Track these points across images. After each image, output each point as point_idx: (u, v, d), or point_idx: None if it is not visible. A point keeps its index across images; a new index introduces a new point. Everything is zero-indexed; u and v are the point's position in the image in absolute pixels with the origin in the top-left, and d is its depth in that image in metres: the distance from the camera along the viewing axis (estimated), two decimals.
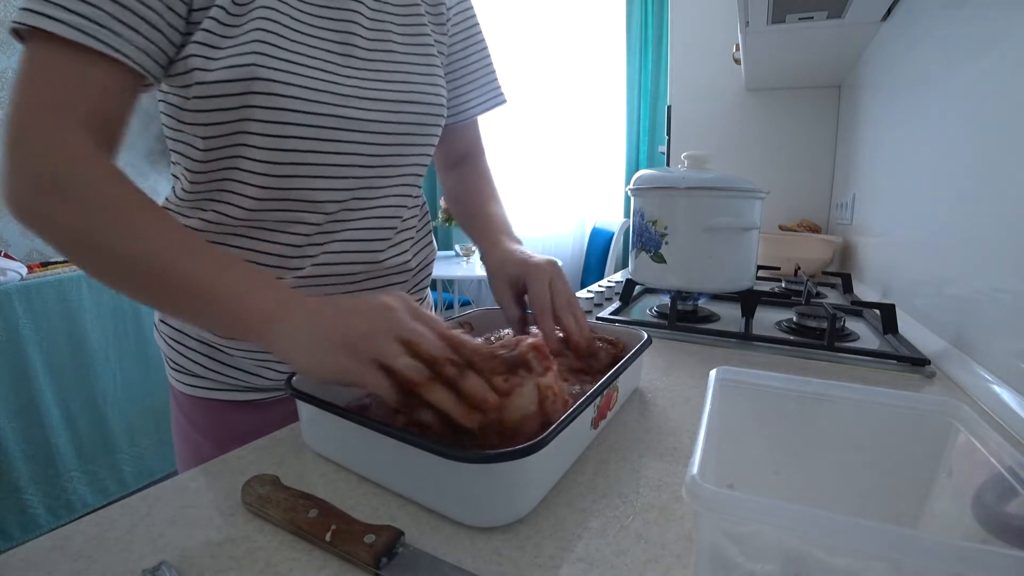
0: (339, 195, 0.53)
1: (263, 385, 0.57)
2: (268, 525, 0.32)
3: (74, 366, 1.63)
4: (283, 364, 0.56)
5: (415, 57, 0.57)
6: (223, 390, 0.57)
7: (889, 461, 0.32)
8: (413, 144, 0.58)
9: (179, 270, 0.38)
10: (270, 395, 0.58)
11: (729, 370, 0.35)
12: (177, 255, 0.38)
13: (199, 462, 0.40)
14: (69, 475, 1.61)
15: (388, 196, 0.57)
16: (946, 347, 0.62)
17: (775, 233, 1.39)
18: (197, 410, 0.59)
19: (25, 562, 0.29)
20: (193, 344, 0.57)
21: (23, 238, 1.98)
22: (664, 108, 1.79)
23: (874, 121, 1.10)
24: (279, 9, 0.46)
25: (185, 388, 0.58)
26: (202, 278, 0.38)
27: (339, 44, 0.51)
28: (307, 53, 0.48)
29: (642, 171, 0.81)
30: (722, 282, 0.77)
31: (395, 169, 0.57)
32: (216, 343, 0.55)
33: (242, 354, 0.55)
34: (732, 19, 1.43)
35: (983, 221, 0.57)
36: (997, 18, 0.56)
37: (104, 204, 0.39)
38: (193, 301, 0.39)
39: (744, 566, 0.23)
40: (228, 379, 0.57)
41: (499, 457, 0.30)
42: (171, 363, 0.59)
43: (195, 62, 0.44)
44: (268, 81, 0.45)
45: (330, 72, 0.49)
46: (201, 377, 0.57)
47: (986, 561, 0.18)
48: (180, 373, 0.58)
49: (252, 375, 0.57)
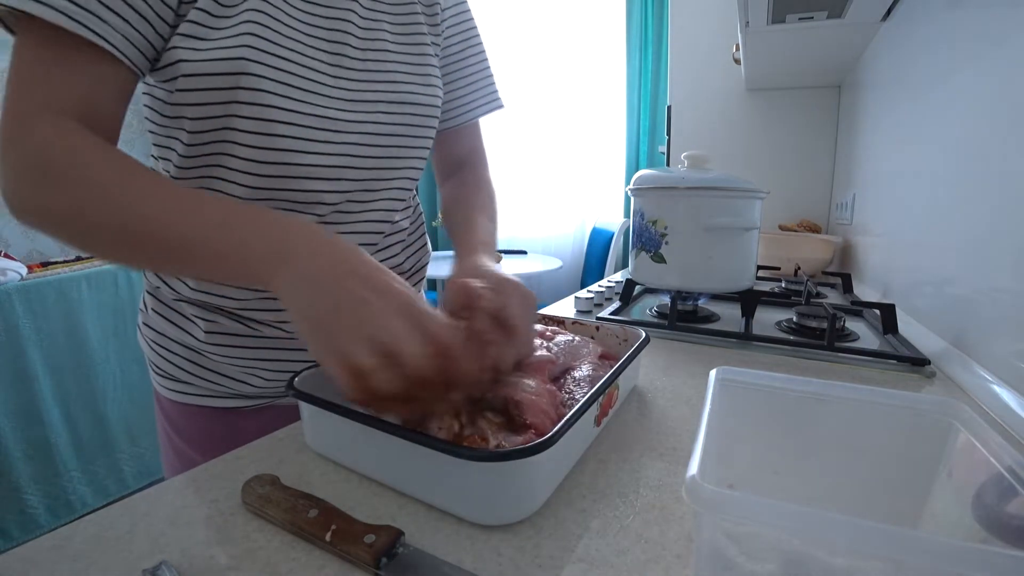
0: (331, 197, 0.51)
1: (249, 392, 0.56)
2: (268, 525, 0.32)
3: (74, 366, 1.63)
4: (271, 371, 0.55)
5: (409, 57, 0.56)
6: (207, 396, 0.56)
7: (889, 461, 0.32)
8: (407, 147, 0.56)
9: (177, 232, 0.37)
10: (255, 403, 0.57)
11: (729, 370, 0.35)
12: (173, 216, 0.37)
13: (184, 469, 0.40)
14: (69, 475, 1.61)
15: (381, 200, 0.56)
16: (946, 347, 0.62)
17: (775, 233, 1.39)
18: (181, 417, 0.58)
19: (25, 562, 0.29)
20: (176, 348, 0.55)
21: (23, 238, 1.98)
22: (664, 108, 1.79)
23: (874, 121, 1.10)
24: (271, 2, 0.45)
25: (169, 393, 0.57)
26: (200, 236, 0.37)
27: (331, 43, 0.49)
28: (298, 49, 0.46)
29: (642, 171, 0.81)
30: (722, 282, 0.76)
31: (390, 172, 0.55)
32: (200, 348, 0.54)
33: (225, 360, 0.54)
34: (732, 19, 1.43)
35: (983, 221, 0.57)
36: (997, 18, 0.56)
37: (94, 180, 0.38)
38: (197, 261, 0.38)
39: (744, 566, 0.23)
40: (213, 385, 0.55)
41: (509, 455, 0.30)
42: (155, 367, 0.58)
43: (181, 53, 0.42)
44: (256, 76, 0.44)
45: (320, 72, 0.48)
46: (184, 383, 0.56)
47: (986, 561, 0.18)
48: (164, 378, 0.57)
49: (238, 382, 0.55)
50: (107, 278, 1.73)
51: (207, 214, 0.38)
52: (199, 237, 0.37)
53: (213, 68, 0.43)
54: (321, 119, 0.49)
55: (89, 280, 1.68)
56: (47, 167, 0.37)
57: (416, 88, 0.56)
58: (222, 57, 0.43)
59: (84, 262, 1.86)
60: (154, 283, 0.55)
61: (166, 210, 0.38)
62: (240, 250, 0.37)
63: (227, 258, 0.37)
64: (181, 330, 0.55)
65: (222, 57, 0.43)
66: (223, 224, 0.38)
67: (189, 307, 0.53)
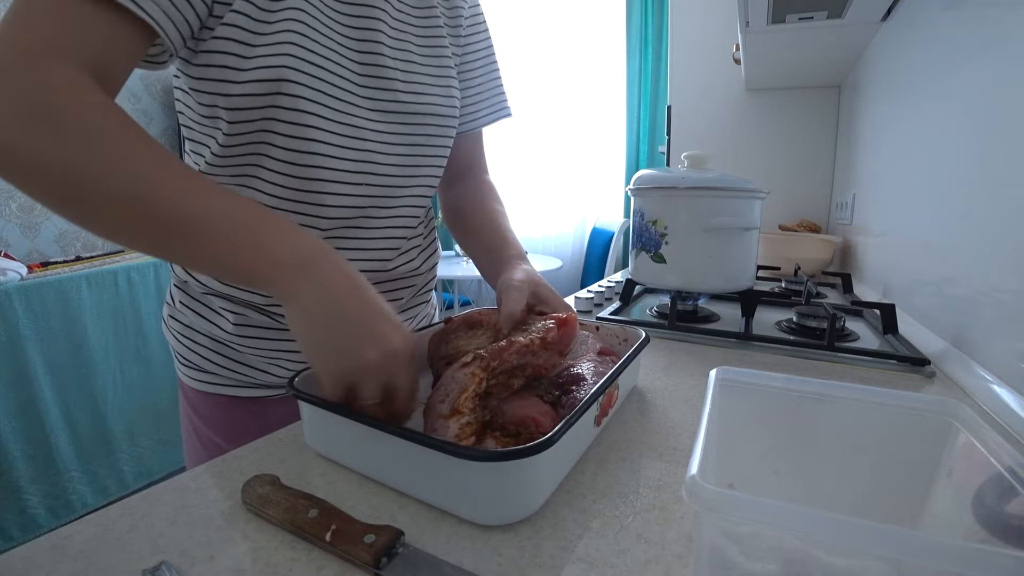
0: (356, 201, 0.52)
1: (273, 382, 0.57)
2: (268, 525, 0.32)
3: (74, 366, 1.63)
4: (294, 361, 0.57)
5: (432, 68, 0.57)
6: (233, 386, 0.57)
7: (889, 461, 0.32)
8: (428, 155, 0.58)
9: (190, 211, 0.35)
10: (280, 392, 0.58)
11: (729, 370, 0.35)
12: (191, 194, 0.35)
13: (210, 456, 0.40)
14: (69, 475, 1.61)
15: (403, 207, 0.57)
16: (946, 347, 0.62)
17: (775, 233, 1.39)
18: (207, 406, 0.59)
19: (25, 562, 0.29)
20: (203, 340, 0.57)
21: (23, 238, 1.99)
22: (664, 108, 1.79)
23: (874, 121, 1.10)
24: (308, 11, 0.45)
25: (195, 384, 0.58)
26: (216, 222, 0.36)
27: (361, 53, 0.50)
28: (332, 57, 0.47)
29: (642, 171, 0.81)
30: (722, 282, 0.76)
31: (411, 180, 0.57)
32: (226, 340, 0.55)
33: (252, 351, 0.55)
34: (732, 19, 1.42)
35: (983, 221, 0.57)
36: (997, 18, 0.56)
37: (107, 136, 0.34)
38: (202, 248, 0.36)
39: (744, 566, 0.23)
40: (238, 375, 0.57)
41: (509, 455, 0.30)
42: (180, 358, 0.59)
43: (227, 60, 0.43)
44: (296, 84, 0.45)
45: (350, 80, 0.49)
46: (211, 373, 0.57)
47: (986, 561, 0.18)
48: (190, 368, 0.58)
49: (262, 372, 0.57)
50: (107, 278, 1.73)
51: (226, 201, 0.37)
52: (215, 223, 0.36)
53: (257, 76, 0.43)
54: (350, 127, 0.50)
55: (89, 280, 1.68)
56: (50, 112, 0.33)
57: (438, 100, 0.57)
58: (266, 65, 0.43)
59: (84, 262, 1.86)
60: (183, 277, 0.56)
61: (185, 186, 0.35)
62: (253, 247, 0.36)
63: (239, 252, 0.36)
64: (209, 322, 0.56)
65: (266, 65, 0.43)
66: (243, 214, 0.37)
67: (218, 300, 0.54)
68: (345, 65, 0.49)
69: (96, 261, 1.88)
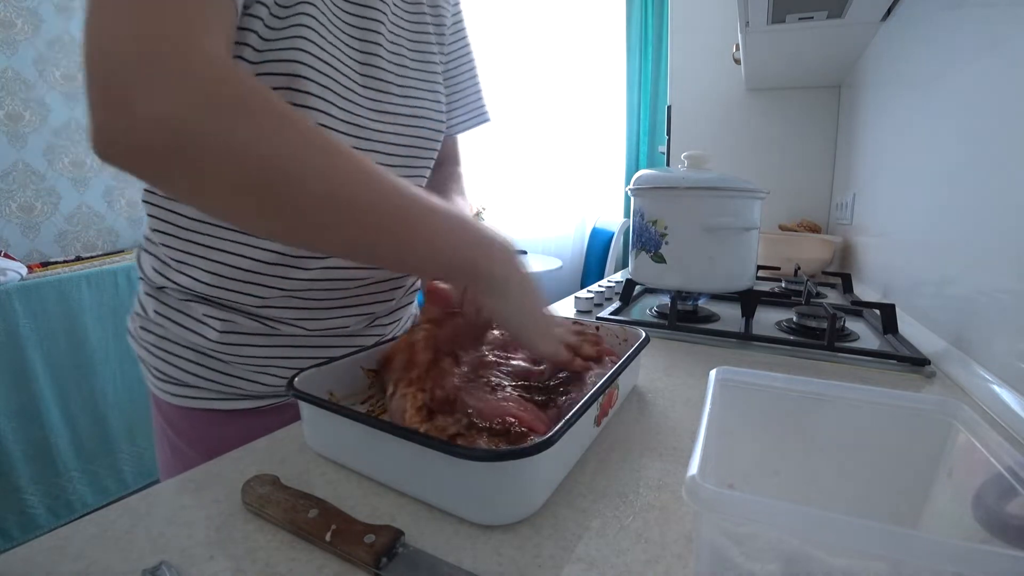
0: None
1: (260, 392, 0.55)
2: (268, 525, 0.32)
3: (74, 366, 1.63)
4: (284, 368, 0.55)
5: (422, 73, 0.57)
6: (216, 399, 0.54)
7: (889, 461, 0.32)
8: (419, 157, 0.58)
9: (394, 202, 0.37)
10: (267, 402, 0.56)
11: (729, 370, 0.35)
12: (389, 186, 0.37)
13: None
14: (69, 475, 1.61)
15: None
16: (946, 347, 0.62)
17: (775, 233, 1.39)
18: (185, 421, 0.55)
19: (25, 562, 0.29)
20: (182, 351, 0.53)
21: (23, 238, 1.98)
22: (664, 108, 1.79)
23: (874, 121, 1.10)
24: (320, 8, 0.46)
25: (172, 399, 0.55)
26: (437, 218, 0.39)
27: (363, 54, 0.51)
28: (339, 57, 0.48)
29: (642, 171, 0.81)
30: (722, 282, 0.76)
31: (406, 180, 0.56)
32: (209, 349, 0.53)
33: (240, 360, 0.53)
34: (732, 19, 1.42)
35: (983, 221, 0.57)
36: (997, 19, 0.56)
37: (294, 123, 0.32)
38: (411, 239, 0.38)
39: (744, 566, 0.23)
40: (222, 387, 0.54)
41: (509, 455, 0.30)
42: (155, 372, 0.55)
43: (242, 51, 0.43)
44: (306, 80, 0.45)
45: (353, 80, 0.50)
46: (191, 386, 0.54)
47: (986, 561, 0.18)
48: (166, 383, 0.55)
49: (249, 382, 0.54)
50: (107, 278, 1.73)
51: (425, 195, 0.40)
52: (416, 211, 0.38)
53: (269, 69, 0.44)
54: (355, 126, 0.50)
55: (89, 280, 1.68)
56: (231, 94, 0.30)
57: (428, 103, 0.57)
58: (278, 59, 0.44)
59: (84, 262, 1.86)
60: (158, 283, 0.53)
61: (380, 176, 0.36)
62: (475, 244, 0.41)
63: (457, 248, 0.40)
64: (190, 331, 0.53)
65: (278, 59, 0.44)
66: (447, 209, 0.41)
67: (201, 307, 0.51)
68: (349, 65, 0.49)
69: (96, 261, 1.88)
